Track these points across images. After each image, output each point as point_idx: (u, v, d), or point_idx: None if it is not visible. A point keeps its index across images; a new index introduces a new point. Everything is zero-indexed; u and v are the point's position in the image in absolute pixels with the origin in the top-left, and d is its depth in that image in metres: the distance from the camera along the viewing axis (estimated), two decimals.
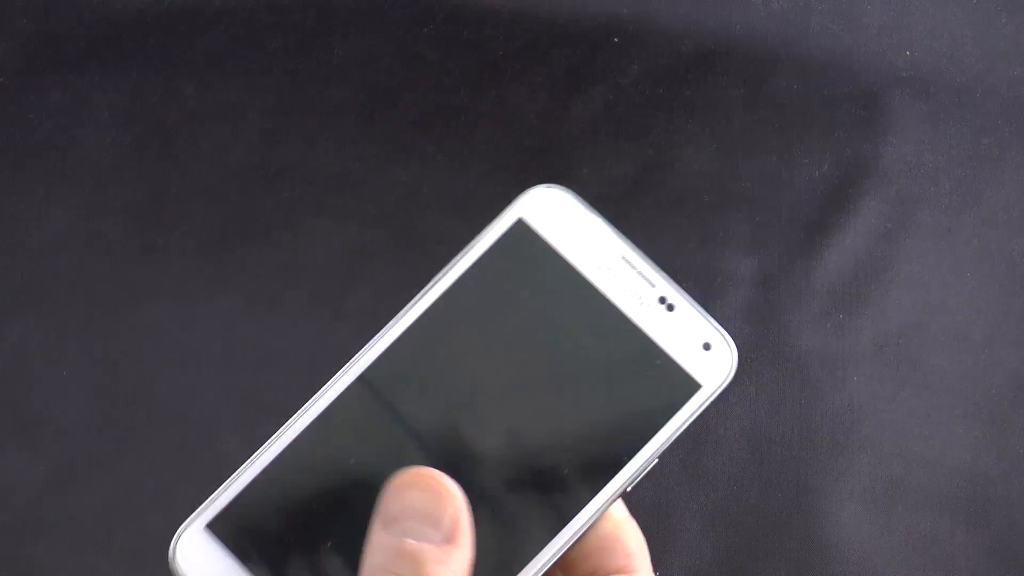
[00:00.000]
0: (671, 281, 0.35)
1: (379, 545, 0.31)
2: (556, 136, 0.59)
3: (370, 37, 0.62)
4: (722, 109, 0.60)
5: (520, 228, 0.36)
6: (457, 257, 0.36)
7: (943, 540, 0.50)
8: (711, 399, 0.34)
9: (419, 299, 0.36)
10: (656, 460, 0.33)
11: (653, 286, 0.35)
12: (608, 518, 0.35)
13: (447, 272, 0.36)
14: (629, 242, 0.36)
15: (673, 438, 0.33)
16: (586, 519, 0.33)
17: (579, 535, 0.33)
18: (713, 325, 0.35)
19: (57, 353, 0.55)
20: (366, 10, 0.63)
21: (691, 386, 0.34)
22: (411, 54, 0.62)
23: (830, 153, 0.59)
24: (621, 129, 0.60)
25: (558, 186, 0.37)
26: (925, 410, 0.53)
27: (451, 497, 0.32)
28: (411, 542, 0.31)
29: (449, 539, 0.31)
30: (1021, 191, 0.58)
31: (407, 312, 0.36)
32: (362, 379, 0.35)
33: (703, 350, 0.34)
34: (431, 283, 0.36)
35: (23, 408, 0.54)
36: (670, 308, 0.35)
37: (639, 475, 0.33)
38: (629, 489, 0.34)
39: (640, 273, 0.35)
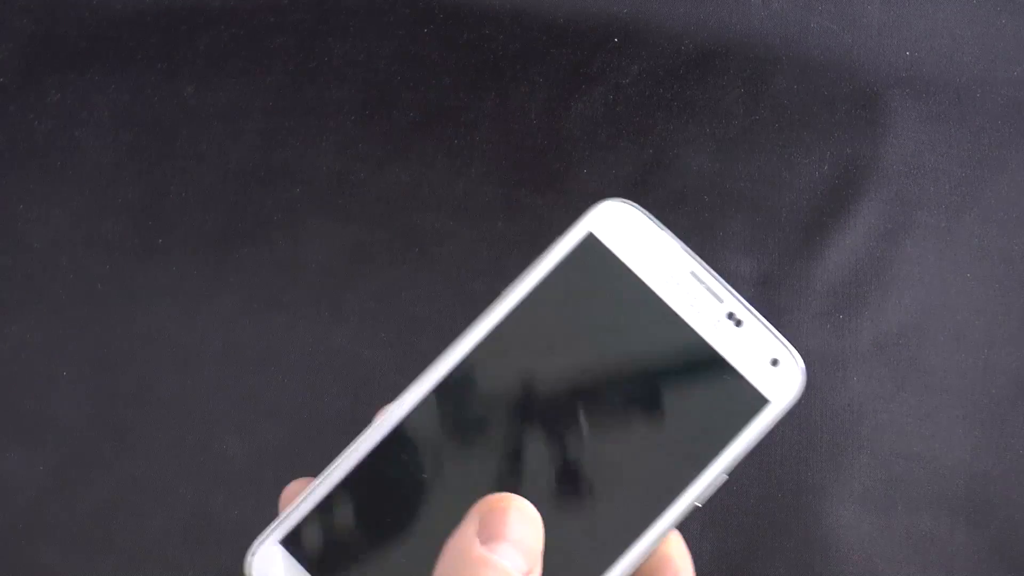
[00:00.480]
0: (739, 297, 0.35)
1: (470, 551, 0.32)
2: (556, 136, 0.59)
3: (370, 37, 0.62)
4: (722, 109, 0.60)
5: (590, 242, 0.36)
6: (527, 270, 0.36)
7: (943, 540, 0.50)
8: (779, 415, 0.34)
9: (490, 312, 0.36)
10: (725, 477, 0.34)
11: (721, 301, 0.35)
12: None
13: (518, 285, 0.36)
14: (698, 257, 0.36)
15: (742, 454, 0.34)
16: (656, 535, 0.33)
17: (648, 552, 0.33)
18: (781, 341, 0.35)
19: (57, 353, 0.55)
20: (366, 10, 0.63)
21: (759, 402, 0.34)
22: (411, 54, 0.62)
23: (830, 153, 0.59)
24: (621, 129, 0.60)
25: (627, 201, 0.37)
26: (925, 410, 0.53)
27: (542, 535, 0.33)
28: (503, 563, 0.32)
29: (529, 573, 0.33)
30: (1021, 191, 0.58)
31: (478, 325, 0.36)
32: (434, 394, 0.36)
33: (771, 366, 0.34)
34: (502, 296, 0.36)
35: (23, 408, 0.54)
36: (738, 324, 0.35)
37: (709, 491, 0.34)
38: (700, 505, 0.34)
39: (709, 289, 0.35)
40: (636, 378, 0.35)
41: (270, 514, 0.51)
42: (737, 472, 0.51)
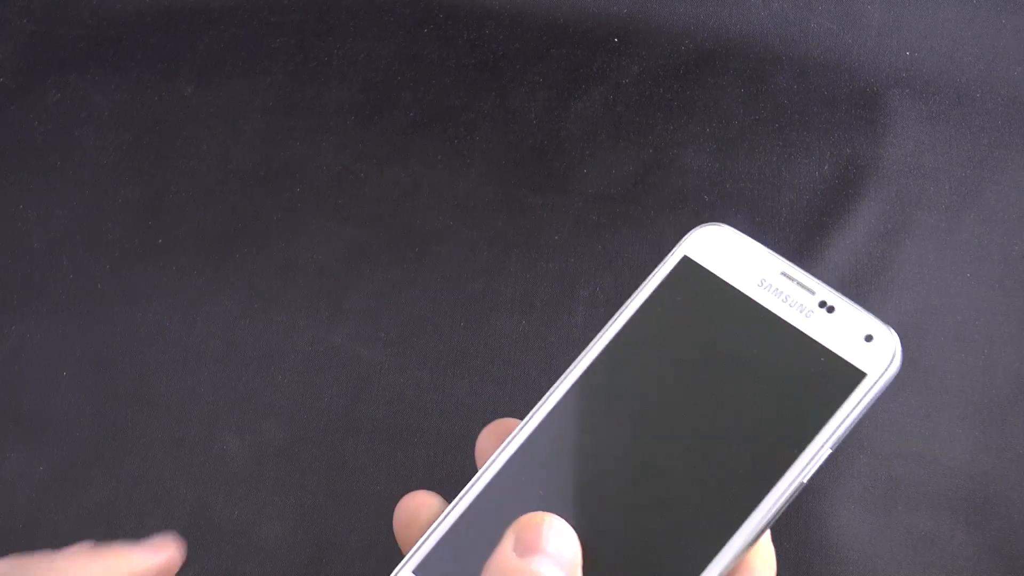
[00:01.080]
0: (828, 286, 0.37)
1: (509, 562, 0.34)
2: (556, 136, 0.59)
3: (370, 37, 0.62)
4: (722, 109, 0.60)
5: (686, 265, 0.39)
6: (632, 296, 0.39)
7: (943, 540, 0.50)
8: (878, 386, 0.35)
9: (604, 333, 0.39)
10: (830, 450, 0.35)
11: (813, 293, 0.37)
12: None
13: (625, 309, 0.39)
14: (785, 259, 0.38)
15: (846, 427, 0.35)
16: (768, 512, 0.34)
17: (760, 528, 0.35)
18: (873, 318, 0.36)
19: (57, 353, 0.55)
20: (366, 10, 0.63)
21: (857, 376, 0.35)
22: (411, 54, 0.62)
23: (830, 153, 0.59)
24: (621, 129, 0.60)
25: (716, 223, 0.40)
26: (925, 410, 0.53)
27: (578, 550, 0.35)
28: (541, 571, 0.34)
29: None
30: (1021, 191, 0.58)
31: (592, 348, 0.39)
32: (556, 415, 0.38)
33: (865, 342, 0.36)
34: (612, 319, 0.39)
35: (23, 408, 0.54)
36: (830, 310, 0.36)
37: (816, 463, 0.35)
38: (806, 480, 0.35)
39: (799, 283, 0.37)
40: (741, 375, 0.37)
41: (270, 514, 0.51)
42: None
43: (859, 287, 0.55)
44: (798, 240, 0.57)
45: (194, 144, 0.59)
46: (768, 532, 0.37)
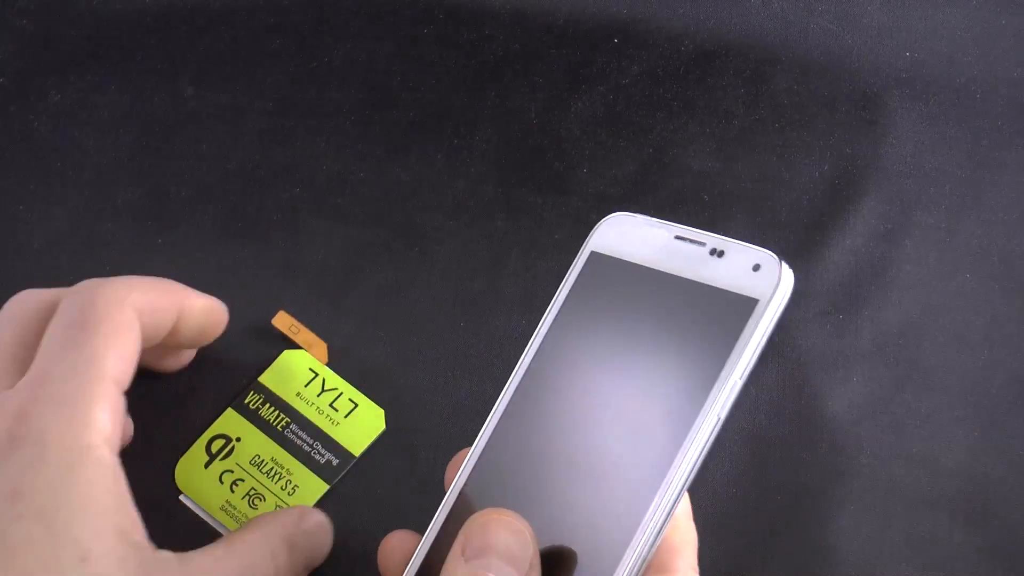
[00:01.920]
0: (715, 235, 0.39)
1: (458, 570, 0.34)
2: (556, 136, 0.59)
3: (370, 37, 0.62)
4: (722, 109, 0.60)
5: (593, 259, 0.41)
6: (551, 302, 0.41)
7: (942, 541, 0.50)
8: (770, 310, 0.36)
9: (529, 346, 0.40)
10: (741, 381, 0.36)
11: (704, 244, 0.38)
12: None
13: (546, 315, 0.40)
14: (676, 224, 0.40)
15: (751, 356, 0.36)
16: (697, 451, 0.35)
17: (694, 465, 0.35)
18: (758, 249, 0.37)
19: None
20: (366, 10, 0.63)
21: (749, 304, 0.36)
22: (411, 54, 0.62)
23: (830, 153, 0.59)
24: (621, 129, 0.60)
25: (614, 214, 0.41)
26: (925, 410, 0.53)
27: (533, 542, 0.34)
28: (490, 575, 0.33)
29: None
30: (1021, 192, 0.58)
31: (522, 363, 0.40)
32: (498, 431, 0.39)
33: (754, 272, 0.37)
34: (536, 329, 0.40)
35: None
36: (721, 255, 0.38)
37: (729, 398, 0.35)
38: (724, 415, 0.35)
39: (691, 240, 0.39)
40: (654, 339, 0.38)
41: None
42: (737, 474, 0.52)
43: (859, 287, 0.55)
44: (798, 240, 0.57)
45: (194, 144, 0.59)
46: (689, 511, 0.38)
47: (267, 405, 0.52)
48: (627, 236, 0.40)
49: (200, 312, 0.46)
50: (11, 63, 0.62)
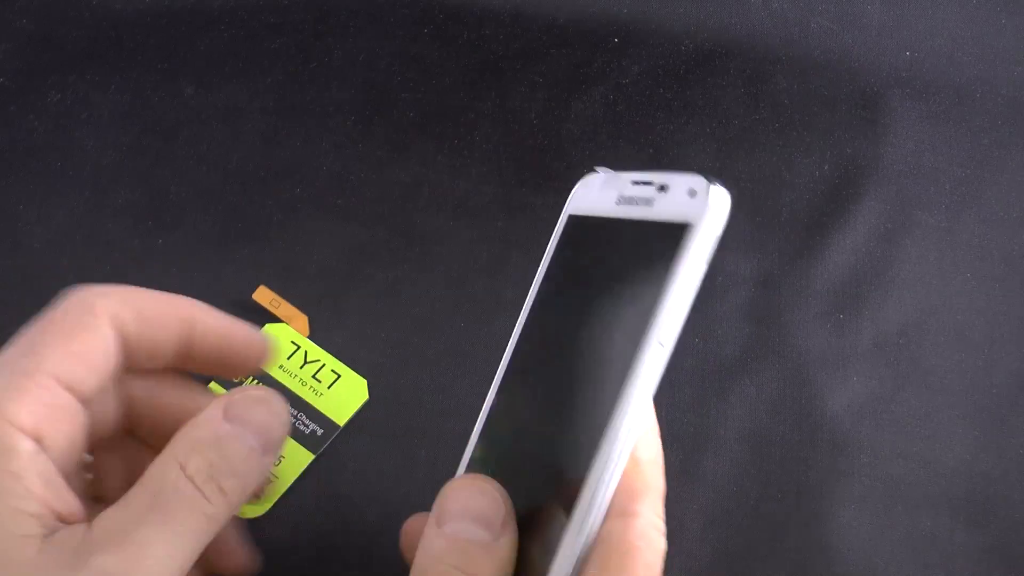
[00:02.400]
0: (662, 171, 0.39)
1: (433, 538, 0.34)
2: (556, 136, 0.59)
3: (370, 37, 0.62)
4: (722, 109, 0.60)
5: (571, 222, 0.42)
6: (539, 267, 0.42)
7: (943, 540, 0.50)
8: (705, 232, 0.36)
9: (524, 309, 0.42)
10: (684, 309, 0.36)
11: (651, 183, 0.38)
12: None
13: (534, 280, 0.42)
14: (635, 171, 0.40)
15: (691, 282, 0.36)
16: (643, 374, 0.35)
17: (645, 398, 0.35)
18: (693, 176, 0.37)
19: None
20: (366, 10, 0.63)
21: (684, 230, 0.36)
22: (411, 54, 0.62)
23: (830, 153, 0.59)
24: (621, 129, 0.60)
25: (586, 175, 0.42)
26: (925, 410, 0.53)
27: (502, 501, 0.35)
28: (463, 537, 0.34)
29: (497, 537, 0.34)
30: (1021, 191, 0.58)
31: (516, 330, 0.41)
32: (496, 401, 0.40)
33: (690, 198, 0.37)
34: (528, 293, 0.42)
35: None
36: (664, 189, 0.38)
37: (674, 326, 0.35)
38: (669, 345, 0.35)
39: (644, 182, 0.39)
40: (615, 283, 0.38)
41: (270, 517, 0.51)
42: (737, 473, 0.52)
43: (859, 287, 0.55)
44: (798, 240, 0.57)
45: (194, 144, 0.59)
46: (659, 460, 0.38)
47: (250, 378, 0.52)
48: (596, 193, 0.41)
49: (216, 334, 0.42)
50: (11, 63, 0.62)
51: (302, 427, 0.51)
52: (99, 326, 0.38)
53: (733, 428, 0.52)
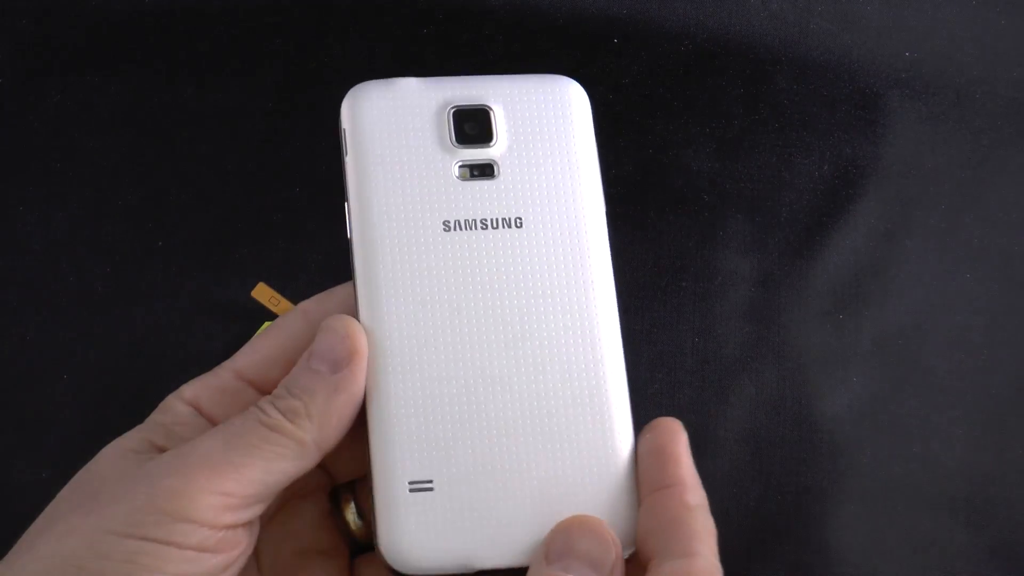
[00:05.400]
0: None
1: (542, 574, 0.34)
2: None
3: (370, 37, 0.62)
4: (722, 109, 0.60)
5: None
6: None
7: (943, 540, 0.50)
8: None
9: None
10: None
11: None
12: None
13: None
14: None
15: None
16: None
17: None
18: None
19: (58, 356, 0.55)
20: (366, 10, 0.63)
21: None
22: (411, 54, 0.62)
23: (830, 153, 0.59)
24: (621, 129, 0.60)
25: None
26: (925, 410, 0.53)
27: (616, 547, 0.35)
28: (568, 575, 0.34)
29: None
30: (1021, 192, 0.58)
31: None
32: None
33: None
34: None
35: (25, 413, 0.55)
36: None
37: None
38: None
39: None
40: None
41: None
42: (737, 474, 0.52)
43: (859, 287, 0.56)
44: (798, 240, 0.57)
45: (194, 145, 0.59)
46: (705, 505, 0.37)
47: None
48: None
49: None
50: (11, 63, 0.62)
51: None
52: (284, 323, 0.41)
53: (733, 428, 0.53)
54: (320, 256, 0.57)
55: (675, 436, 0.37)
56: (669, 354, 0.55)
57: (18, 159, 0.59)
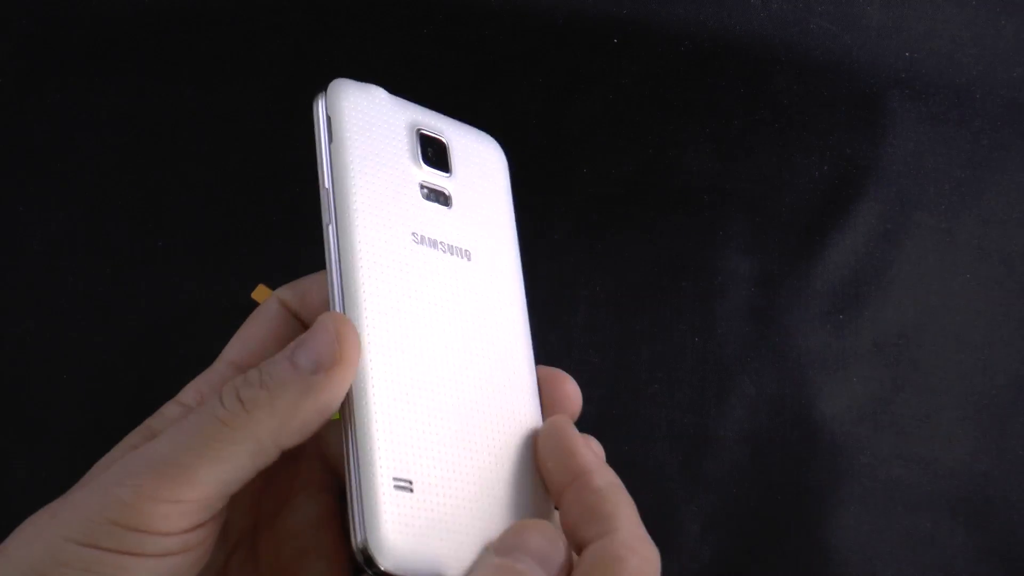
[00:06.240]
0: None
1: (490, 565, 0.34)
2: (556, 136, 0.59)
3: (370, 37, 0.62)
4: (722, 109, 0.60)
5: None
6: None
7: (943, 541, 0.50)
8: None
9: None
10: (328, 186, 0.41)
11: None
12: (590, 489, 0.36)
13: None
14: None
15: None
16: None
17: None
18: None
19: (58, 356, 0.55)
20: (366, 10, 0.63)
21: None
22: (411, 54, 0.62)
23: (830, 154, 0.59)
24: (621, 129, 0.60)
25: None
26: (925, 411, 0.53)
27: (567, 547, 0.35)
28: (521, 567, 0.34)
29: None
30: (1021, 192, 0.58)
31: None
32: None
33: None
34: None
35: (24, 412, 0.55)
36: None
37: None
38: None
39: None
40: None
41: None
42: (737, 474, 0.52)
43: (859, 287, 0.56)
44: (798, 240, 0.57)
45: (194, 145, 0.59)
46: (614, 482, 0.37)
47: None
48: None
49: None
50: (11, 63, 0.62)
51: None
52: (264, 309, 0.43)
53: (733, 429, 0.53)
54: (320, 256, 0.57)
55: (563, 431, 0.38)
56: (669, 354, 0.55)
57: (17, 158, 0.59)
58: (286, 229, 0.57)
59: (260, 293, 0.54)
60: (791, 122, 0.59)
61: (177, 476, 0.33)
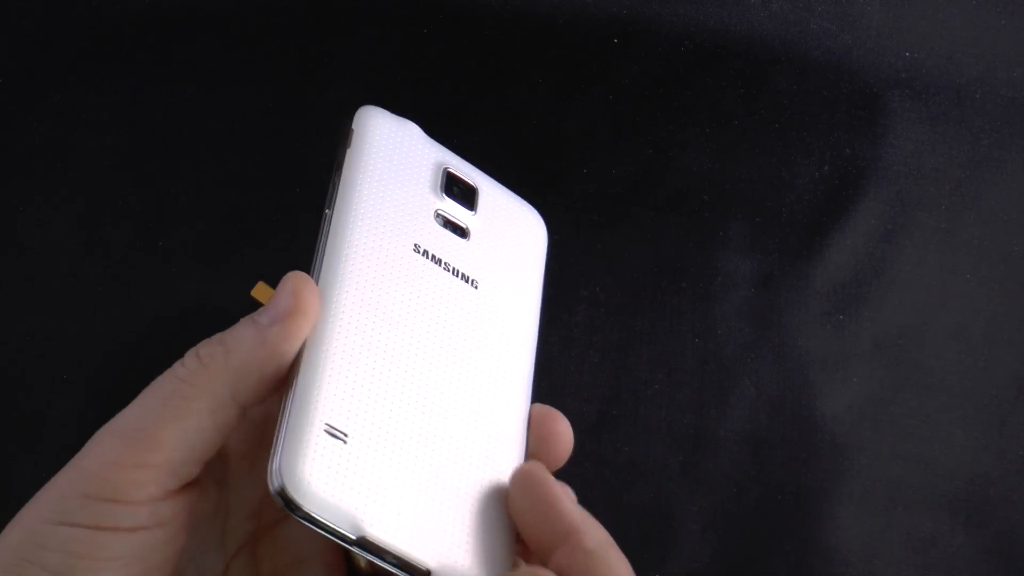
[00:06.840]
0: None
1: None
2: (556, 136, 0.59)
3: (370, 37, 0.62)
4: (722, 109, 0.60)
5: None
6: None
7: (943, 541, 0.50)
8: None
9: None
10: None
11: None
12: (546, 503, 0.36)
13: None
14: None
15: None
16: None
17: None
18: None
19: (58, 356, 0.55)
20: (366, 11, 0.63)
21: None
22: (411, 54, 0.62)
23: (830, 154, 0.59)
24: (621, 129, 0.60)
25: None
26: (925, 411, 0.53)
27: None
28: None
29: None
30: (1020, 192, 0.58)
31: None
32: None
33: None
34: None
35: (24, 412, 0.55)
36: None
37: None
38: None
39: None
40: None
41: None
42: (737, 474, 0.52)
43: (859, 287, 0.56)
44: (798, 240, 0.57)
45: (194, 145, 0.59)
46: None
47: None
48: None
49: None
50: (11, 63, 0.62)
51: None
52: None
53: (733, 429, 0.53)
54: None
55: (542, 484, 0.36)
56: (669, 354, 0.55)
57: (18, 159, 0.59)
58: (286, 229, 0.57)
59: (260, 291, 0.54)
60: (791, 122, 0.59)
61: (140, 440, 0.34)
